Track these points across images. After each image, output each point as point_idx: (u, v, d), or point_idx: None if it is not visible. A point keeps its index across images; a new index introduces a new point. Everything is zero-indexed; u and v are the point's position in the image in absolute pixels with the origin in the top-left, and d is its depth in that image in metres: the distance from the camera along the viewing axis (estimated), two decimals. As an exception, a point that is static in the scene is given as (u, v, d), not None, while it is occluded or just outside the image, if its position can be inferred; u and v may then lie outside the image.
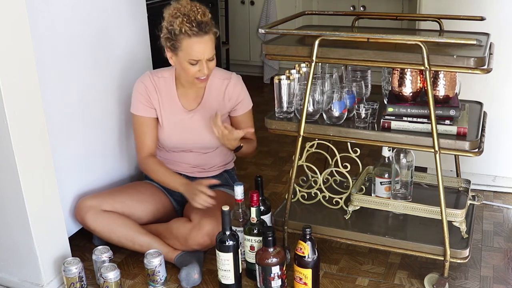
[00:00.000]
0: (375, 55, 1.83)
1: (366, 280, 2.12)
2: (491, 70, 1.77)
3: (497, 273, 2.14)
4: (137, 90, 2.26)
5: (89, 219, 2.18)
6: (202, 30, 2.04)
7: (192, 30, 2.02)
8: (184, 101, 2.27)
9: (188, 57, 2.07)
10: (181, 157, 2.34)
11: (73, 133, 2.24)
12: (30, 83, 1.86)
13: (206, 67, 2.10)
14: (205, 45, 2.06)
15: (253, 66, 4.93)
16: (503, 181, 2.73)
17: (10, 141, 1.81)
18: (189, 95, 2.27)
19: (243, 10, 4.77)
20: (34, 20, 1.94)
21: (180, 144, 2.31)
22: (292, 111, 2.06)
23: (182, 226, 2.14)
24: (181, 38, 2.04)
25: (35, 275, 2.02)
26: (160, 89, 2.26)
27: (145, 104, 2.25)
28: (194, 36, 2.03)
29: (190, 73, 2.11)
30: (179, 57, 2.10)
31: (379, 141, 1.92)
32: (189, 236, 2.11)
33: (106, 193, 2.29)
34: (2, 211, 1.97)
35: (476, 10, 2.41)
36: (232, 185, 2.35)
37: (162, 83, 2.26)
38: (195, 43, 2.04)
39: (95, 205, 2.19)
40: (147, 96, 2.25)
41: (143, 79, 2.27)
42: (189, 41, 2.04)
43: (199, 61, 2.08)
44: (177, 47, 2.07)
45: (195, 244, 2.11)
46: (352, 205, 2.12)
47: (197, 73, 2.11)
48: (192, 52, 2.05)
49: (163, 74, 2.28)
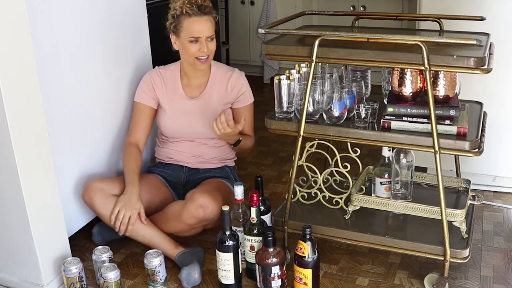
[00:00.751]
0: (375, 55, 1.83)
1: (366, 280, 2.12)
2: (491, 70, 1.77)
3: (497, 273, 2.14)
4: (143, 80, 2.39)
5: (97, 200, 2.19)
6: (202, 11, 2.18)
7: (192, 10, 2.17)
8: (187, 90, 2.37)
9: (189, 36, 2.18)
10: (183, 146, 2.38)
11: (73, 133, 2.24)
12: (30, 83, 1.86)
13: (206, 46, 2.20)
14: (204, 24, 2.19)
15: (253, 66, 4.93)
16: (503, 181, 2.73)
17: (10, 141, 1.81)
18: (192, 84, 2.36)
19: (243, 10, 4.78)
20: (34, 20, 1.94)
21: (181, 131, 2.36)
22: (292, 111, 2.06)
23: (176, 204, 2.21)
24: (182, 19, 2.18)
25: (35, 275, 2.02)
26: (165, 80, 2.37)
27: (147, 93, 2.36)
28: (194, 16, 2.17)
29: (190, 52, 2.21)
30: (181, 38, 2.21)
31: (379, 141, 1.92)
32: (182, 211, 2.13)
33: (114, 179, 2.32)
34: (2, 211, 1.97)
35: (476, 10, 2.41)
36: (233, 179, 2.41)
37: (168, 74, 2.38)
38: (195, 21, 2.18)
39: (104, 188, 2.21)
40: (151, 86, 2.36)
41: (151, 72, 2.40)
42: (189, 20, 2.18)
43: (199, 39, 2.19)
44: (179, 29, 2.20)
45: (188, 218, 2.11)
46: (352, 205, 2.12)
47: (198, 52, 2.20)
48: (192, 30, 2.18)
49: (170, 68, 2.41)
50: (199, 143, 2.38)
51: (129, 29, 2.47)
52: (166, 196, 2.37)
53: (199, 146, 2.38)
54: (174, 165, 2.41)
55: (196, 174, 2.39)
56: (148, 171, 2.46)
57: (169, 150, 2.41)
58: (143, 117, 2.37)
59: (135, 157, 2.31)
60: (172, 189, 2.41)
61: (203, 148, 2.38)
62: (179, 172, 2.40)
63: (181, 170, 2.40)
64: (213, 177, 2.38)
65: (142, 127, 2.37)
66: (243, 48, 4.87)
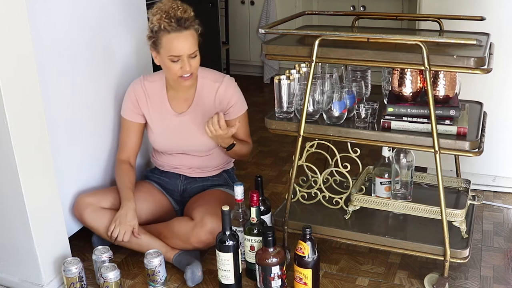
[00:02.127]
0: (375, 55, 1.83)
1: (366, 280, 2.12)
2: (491, 70, 1.77)
3: (497, 273, 2.14)
4: (127, 95, 2.29)
5: (87, 216, 2.18)
6: (182, 26, 2.02)
7: (170, 26, 2.01)
8: (174, 103, 2.26)
9: (168, 53, 2.05)
10: (179, 159, 2.34)
11: (73, 132, 2.24)
12: (30, 83, 1.86)
13: (188, 64, 2.07)
14: (184, 40, 2.04)
15: (253, 66, 4.93)
16: (503, 181, 2.73)
17: (10, 141, 1.81)
18: (179, 97, 2.25)
19: (243, 10, 4.77)
20: (34, 20, 1.94)
21: (172, 148, 2.31)
22: (292, 111, 2.06)
23: (184, 224, 2.14)
24: (161, 35, 2.04)
25: (35, 275, 2.02)
26: (150, 94, 2.26)
27: (132, 109, 2.28)
28: (173, 32, 2.02)
29: (172, 71, 2.09)
30: (161, 54, 2.09)
31: (379, 141, 1.92)
32: (191, 234, 2.10)
33: (105, 190, 2.30)
34: (2, 211, 1.97)
35: (476, 10, 2.41)
36: (232, 185, 2.35)
37: (152, 87, 2.26)
38: (174, 38, 2.03)
39: (93, 202, 2.20)
40: (135, 101, 2.27)
41: (134, 85, 2.28)
42: (168, 36, 2.03)
43: (180, 57, 2.06)
44: (158, 44, 2.06)
45: (197, 242, 2.11)
46: (352, 205, 2.12)
47: (180, 71, 2.09)
48: (172, 48, 2.04)
49: (155, 79, 2.27)
50: (193, 156, 2.32)
51: (129, 29, 2.47)
52: (164, 203, 2.35)
53: (194, 158, 2.32)
54: (171, 173, 2.38)
55: (194, 182, 2.36)
56: (145, 177, 2.45)
57: (164, 162, 2.38)
58: (132, 134, 2.30)
59: (127, 173, 2.27)
60: (170, 196, 2.39)
61: (198, 160, 2.33)
62: (176, 180, 2.37)
63: (178, 178, 2.37)
64: (211, 186, 2.35)
65: (132, 144, 2.31)
66: (243, 48, 4.87)
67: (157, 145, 2.33)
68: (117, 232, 2.12)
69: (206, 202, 2.20)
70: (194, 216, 2.15)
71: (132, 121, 2.29)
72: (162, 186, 2.39)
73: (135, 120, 2.29)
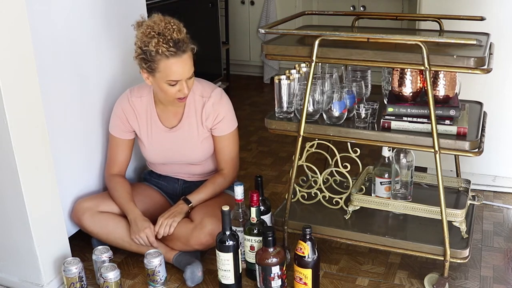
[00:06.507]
0: (375, 55, 1.83)
1: (366, 280, 2.12)
2: (491, 70, 1.77)
3: (497, 273, 2.14)
4: (115, 112, 2.25)
5: (86, 220, 2.18)
6: (180, 49, 1.96)
7: (169, 51, 1.94)
8: (164, 118, 2.23)
9: (167, 78, 1.99)
10: (173, 168, 2.34)
11: (73, 133, 2.24)
12: (30, 83, 1.86)
13: (186, 87, 2.03)
14: (183, 65, 1.99)
15: (253, 66, 4.93)
16: (503, 181, 2.73)
17: (10, 141, 1.81)
18: (169, 111, 2.22)
19: (243, 10, 4.77)
20: (34, 20, 1.94)
21: (166, 160, 2.30)
22: (292, 111, 2.06)
23: (184, 226, 2.13)
24: (158, 60, 1.96)
25: (35, 275, 2.02)
26: (138, 110, 2.22)
27: (122, 128, 2.25)
28: (172, 57, 1.95)
29: (169, 93, 2.04)
30: (156, 78, 2.02)
31: (379, 141, 1.92)
32: (191, 236, 2.10)
33: (103, 194, 2.30)
34: (2, 211, 1.97)
35: (476, 10, 2.41)
36: (232, 185, 2.35)
37: (141, 104, 2.21)
38: (173, 64, 1.97)
39: (91, 207, 2.20)
40: (124, 119, 2.23)
41: (121, 102, 2.23)
42: (167, 62, 1.96)
43: (178, 81, 2.01)
44: (154, 69, 1.98)
45: (197, 244, 2.11)
46: (352, 205, 2.12)
47: (178, 93, 2.04)
48: (171, 73, 1.98)
49: (142, 93, 2.22)
50: (188, 164, 2.31)
51: (129, 29, 2.46)
52: (162, 204, 2.35)
53: (189, 166, 2.31)
54: (169, 177, 2.37)
55: (193, 186, 2.33)
56: (143, 179, 2.44)
57: (160, 170, 2.37)
58: (120, 150, 2.27)
59: (123, 185, 2.24)
60: (168, 197, 2.38)
61: (196, 167, 2.32)
62: (174, 184, 2.37)
63: (177, 183, 2.37)
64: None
65: (122, 159, 2.29)
66: (243, 48, 4.87)
67: (149, 158, 2.32)
68: (141, 240, 2.11)
69: (205, 204, 2.20)
70: (194, 218, 2.15)
71: (121, 138, 2.26)
72: (160, 189, 2.39)
73: (124, 137, 2.26)
